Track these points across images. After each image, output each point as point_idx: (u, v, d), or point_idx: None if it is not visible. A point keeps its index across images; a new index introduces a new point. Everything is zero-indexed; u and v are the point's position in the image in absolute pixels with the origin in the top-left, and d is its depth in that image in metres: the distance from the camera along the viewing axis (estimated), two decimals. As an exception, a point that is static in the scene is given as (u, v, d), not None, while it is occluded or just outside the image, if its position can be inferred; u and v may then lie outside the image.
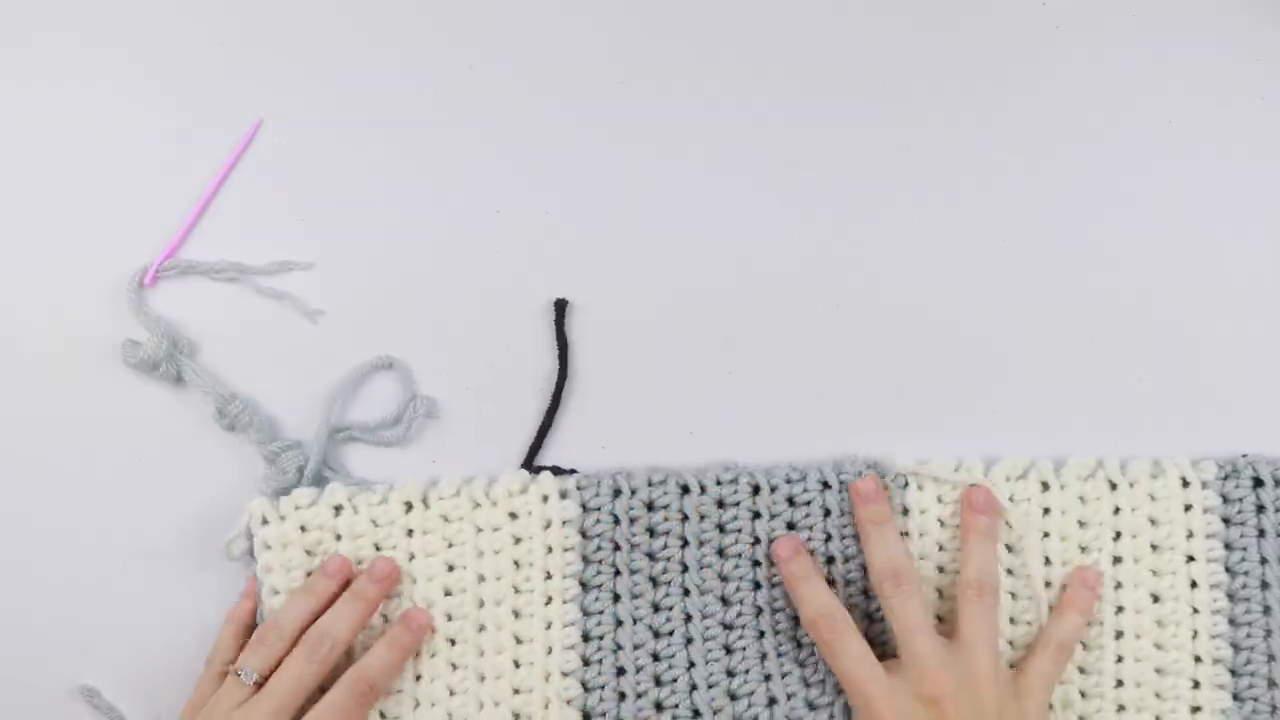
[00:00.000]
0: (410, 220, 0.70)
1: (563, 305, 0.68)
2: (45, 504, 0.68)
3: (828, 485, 0.65)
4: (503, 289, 0.69)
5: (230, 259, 0.69)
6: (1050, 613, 0.65)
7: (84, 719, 0.67)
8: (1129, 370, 0.69)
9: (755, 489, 0.66)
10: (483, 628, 0.65)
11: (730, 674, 0.65)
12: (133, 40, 0.70)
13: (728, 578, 0.65)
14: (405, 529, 0.65)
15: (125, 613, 0.67)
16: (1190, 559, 0.66)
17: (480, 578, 0.65)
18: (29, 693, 0.67)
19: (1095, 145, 0.70)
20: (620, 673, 0.65)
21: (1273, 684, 0.65)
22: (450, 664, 0.65)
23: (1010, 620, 0.65)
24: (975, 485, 0.65)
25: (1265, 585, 0.65)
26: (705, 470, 0.66)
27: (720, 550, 0.65)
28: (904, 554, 0.63)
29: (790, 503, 0.66)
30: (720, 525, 0.65)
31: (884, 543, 0.63)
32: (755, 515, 0.65)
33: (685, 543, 0.65)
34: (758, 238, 0.69)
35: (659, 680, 0.65)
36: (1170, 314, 0.69)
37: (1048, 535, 0.66)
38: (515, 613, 0.65)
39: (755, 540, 0.65)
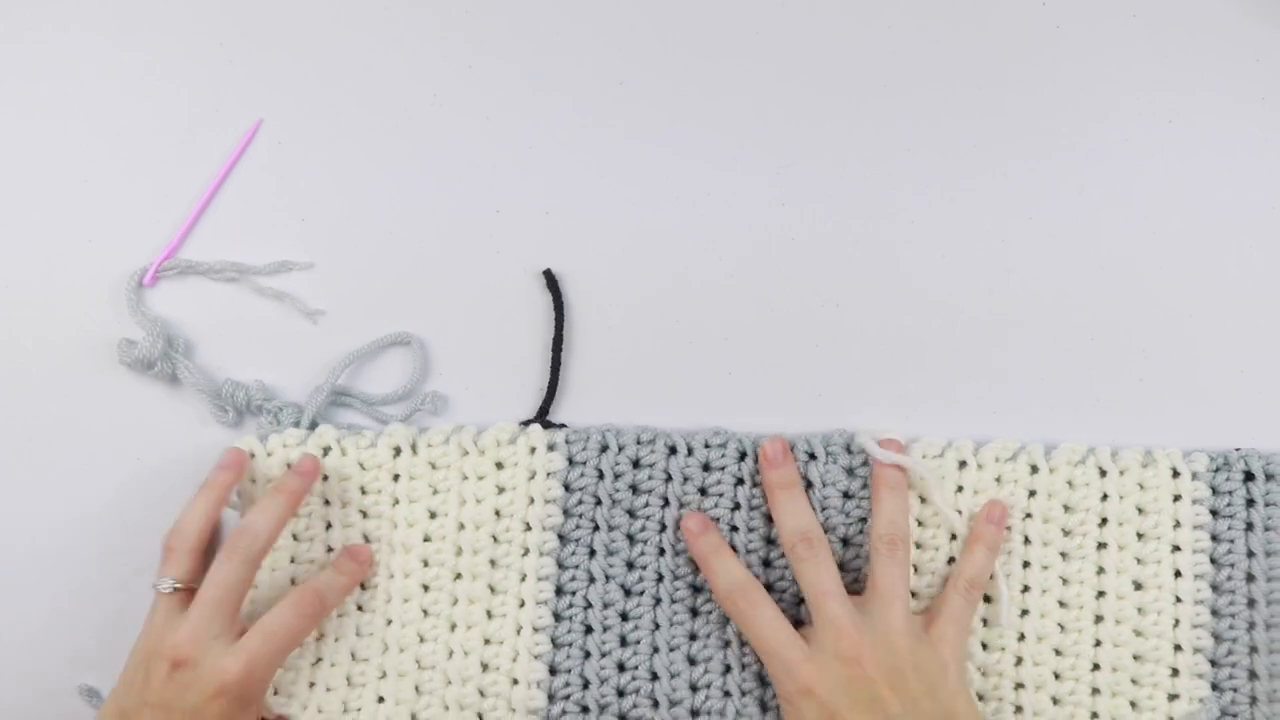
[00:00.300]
0: (410, 220, 0.70)
1: (551, 274, 0.68)
2: (44, 503, 0.68)
3: (813, 456, 0.66)
4: (503, 288, 0.69)
5: (230, 259, 0.69)
6: (961, 558, 0.65)
7: (84, 719, 0.67)
8: (1127, 367, 0.69)
9: (742, 455, 0.66)
10: (459, 576, 0.65)
11: (692, 637, 0.65)
12: (133, 40, 0.70)
13: None
14: (392, 474, 0.66)
15: (125, 613, 0.67)
16: (1176, 549, 0.66)
17: (460, 525, 0.66)
18: (29, 693, 0.67)
19: (1095, 145, 0.70)
20: (588, 630, 0.65)
21: (1254, 675, 0.65)
22: (423, 610, 0.65)
23: (915, 570, 0.66)
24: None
25: (1251, 578, 0.66)
26: (694, 433, 0.67)
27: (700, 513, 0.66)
28: (813, 518, 0.64)
29: None
30: (703, 488, 0.66)
31: (794, 507, 0.64)
32: (739, 481, 0.66)
33: (666, 502, 0.66)
34: (758, 236, 0.70)
35: (624, 640, 0.65)
36: (1169, 312, 0.69)
37: (1030, 517, 0.66)
38: (492, 562, 0.66)
39: (735, 506, 0.66)
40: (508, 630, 0.65)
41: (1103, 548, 0.66)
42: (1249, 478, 0.66)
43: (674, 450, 0.66)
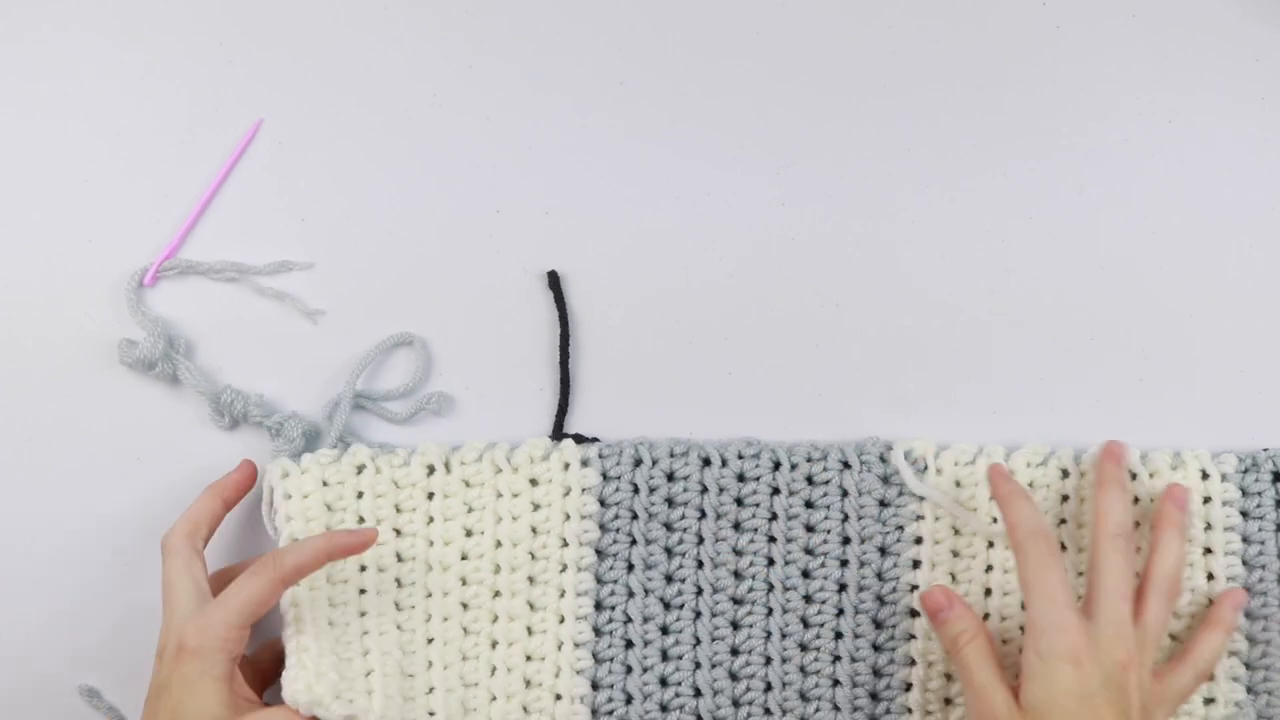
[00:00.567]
0: (410, 220, 0.70)
1: (555, 276, 0.68)
2: (43, 503, 0.68)
3: (847, 465, 0.66)
4: (503, 289, 0.69)
5: (230, 259, 0.69)
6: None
7: (84, 719, 0.67)
8: (1127, 367, 0.69)
9: (776, 464, 0.66)
10: (498, 593, 0.65)
11: (734, 652, 0.65)
12: (133, 40, 0.70)
13: (742, 552, 0.66)
14: (426, 492, 0.66)
15: (125, 613, 0.67)
16: (1208, 551, 0.65)
17: (497, 543, 0.65)
18: (29, 693, 0.67)
19: (1095, 145, 0.70)
20: (629, 645, 0.65)
21: None
22: (463, 628, 0.65)
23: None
24: (1175, 484, 0.65)
25: None
26: (727, 444, 0.66)
27: (737, 524, 0.66)
28: (1131, 515, 0.63)
29: (809, 481, 0.66)
30: (739, 499, 0.66)
31: (1125, 502, 0.63)
32: (774, 491, 0.66)
33: (703, 514, 0.66)
34: (758, 236, 0.69)
35: (665, 655, 0.65)
36: (1169, 312, 0.69)
37: (1064, 522, 0.66)
38: (530, 579, 0.66)
39: (772, 516, 0.66)
40: (549, 646, 0.65)
41: (1137, 551, 0.65)
42: (1277, 478, 0.66)
43: (708, 462, 0.66)
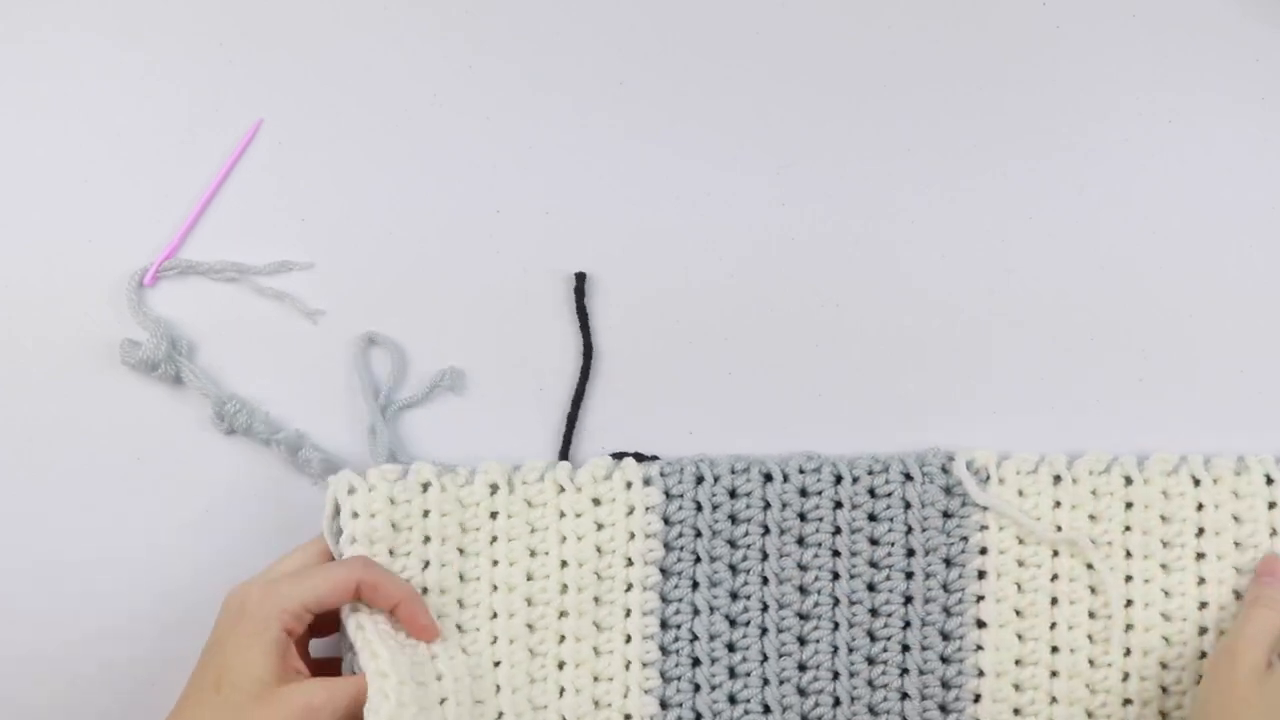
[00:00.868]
0: (410, 220, 0.70)
1: (582, 278, 0.68)
2: (43, 503, 0.68)
3: (909, 477, 0.66)
4: (503, 289, 0.69)
5: (230, 259, 0.69)
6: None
7: (84, 719, 0.67)
8: (1127, 367, 0.69)
9: (838, 478, 0.66)
10: (564, 614, 0.65)
11: (802, 668, 0.65)
12: (133, 40, 0.70)
13: (807, 567, 0.66)
14: (490, 511, 0.65)
15: (124, 613, 0.67)
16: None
17: (563, 563, 0.65)
18: (29, 692, 0.67)
19: (1095, 145, 0.70)
20: (696, 663, 0.65)
21: None
22: (529, 650, 0.65)
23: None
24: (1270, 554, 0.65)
25: None
26: (788, 459, 0.66)
27: (800, 539, 0.66)
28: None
29: (871, 494, 0.66)
30: (802, 514, 0.66)
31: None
32: (837, 505, 0.66)
33: (766, 530, 0.66)
34: (758, 236, 0.70)
35: (733, 672, 0.65)
36: (1169, 312, 0.69)
37: (1129, 530, 0.65)
38: (596, 599, 0.65)
39: (836, 530, 0.66)
40: (616, 666, 0.65)
41: (1201, 558, 0.65)
42: None
43: (769, 477, 0.66)
